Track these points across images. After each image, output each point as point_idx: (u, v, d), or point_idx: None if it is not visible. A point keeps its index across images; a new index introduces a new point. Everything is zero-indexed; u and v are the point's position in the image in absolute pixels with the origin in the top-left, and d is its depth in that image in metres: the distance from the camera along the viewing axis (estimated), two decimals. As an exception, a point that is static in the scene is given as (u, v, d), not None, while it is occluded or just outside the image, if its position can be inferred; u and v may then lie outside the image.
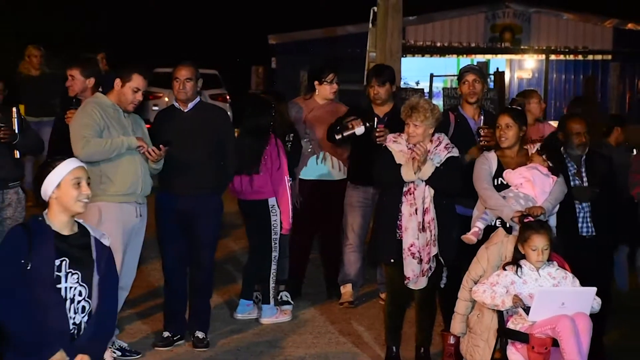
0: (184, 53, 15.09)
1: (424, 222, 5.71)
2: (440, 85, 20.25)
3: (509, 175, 5.77)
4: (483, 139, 6.28)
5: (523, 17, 23.37)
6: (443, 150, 5.79)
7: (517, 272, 5.15)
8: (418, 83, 21.99)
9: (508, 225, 5.58)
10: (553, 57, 23.11)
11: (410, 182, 5.72)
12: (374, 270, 7.47)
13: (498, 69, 19.72)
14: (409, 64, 20.70)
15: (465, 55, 23.51)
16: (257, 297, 7.03)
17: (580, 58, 23.42)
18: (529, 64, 24.18)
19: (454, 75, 13.13)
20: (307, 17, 26.01)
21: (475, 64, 17.49)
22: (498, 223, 5.71)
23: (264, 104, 6.89)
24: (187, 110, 6.28)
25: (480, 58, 22.72)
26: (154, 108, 17.32)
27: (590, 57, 23.21)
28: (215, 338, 6.42)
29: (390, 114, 7.00)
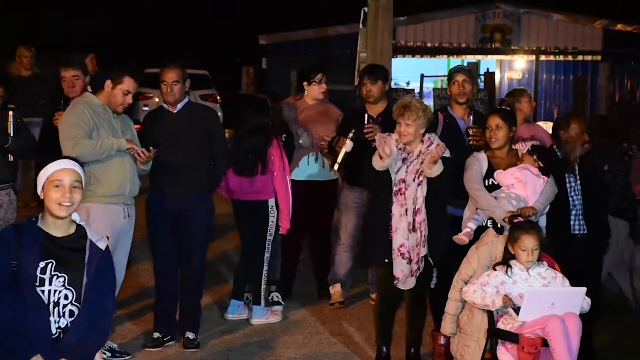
0: (174, 53, 15.10)
1: (415, 222, 5.71)
2: (431, 86, 20.24)
3: (500, 176, 5.78)
4: (472, 138, 6.30)
5: (513, 17, 23.40)
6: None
7: (507, 272, 5.16)
8: (409, 83, 21.98)
9: (499, 226, 5.59)
10: (543, 57, 23.14)
11: (401, 182, 5.72)
12: (365, 271, 7.48)
13: (488, 70, 19.73)
14: (400, 65, 20.68)
15: (456, 56, 23.51)
16: (247, 297, 7.03)
17: (570, 58, 23.46)
18: (519, 65, 24.21)
19: (445, 76, 13.13)
20: (297, 17, 26.00)
21: (466, 65, 17.53)
22: (489, 223, 5.72)
23: (263, 103, 6.89)
24: (176, 112, 6.28)
25: (471, 58, 22.73)
26: (144, 108, 17.28)
27: (580, 57, 23.25)
28: (206, 339, 6.42)
29: (384, 114, 7.00)
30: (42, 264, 4.09)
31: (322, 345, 6.42)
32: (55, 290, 4.10)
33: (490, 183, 5.81)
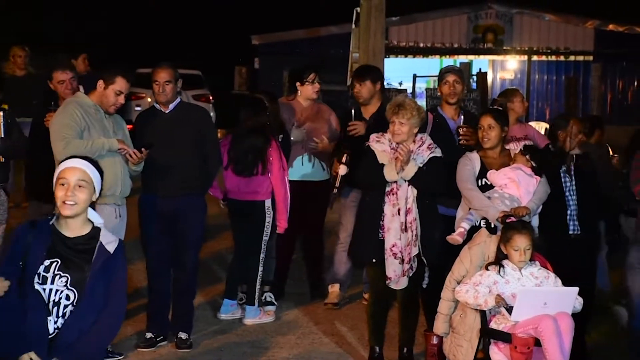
0: (167, 53, 15.06)
1: (407, 222, 5.71)
2: (424, 86, 20.30)
3: (493, 176, 5.78)
4: (462, 138, 6.30)
5: (505, 18, 23.46)
6: (426, 151, 5.80)
7: (499, 272, 5.17)
8: (401, 84, 22.02)
9: (493, 226, 5.60)
10: (535, 57, 23.21)
11: (393, 182, 5.73)
12: (360, 271, 7.47)
13: (481, 70, 19.80)
14: (392, 65, 20.72)
15: (448, 56, 23.57)
16: (241, 298, 7.02)
17: (562, 59, 23.53)
18: (512, 65, 24.27)
19: (437, 76, 13.14)
20: (290, 17, 26.00)
21: (459, 65, 17.56)
22: (483, 223, 5.72)
23: (261, 103, 6.88)
24: (168, 112, 6.27)
25: (463, 59, 22.78)
26: (137, 108, 17.26)
27: (572, 58, 23.33)
28: (199, 339, 6.41)
29: (376, 114, 7.00)
30: (46, 262, 4.08)
31: (315, 346, 6.42)
32: (57, 290, 4.08)
33: (484, 183, 5.81)
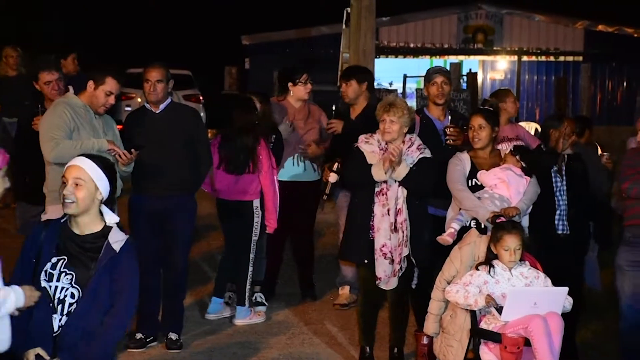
0: (157, 53, 15.02)
1: (397, 222, 5.72)
2: (414, 86, 20.28)
3: (484, 176, 5.79)
4: (449, 138, 6.31)
5: (495, 18, 23.49)
6: (415, 151, 5.80)
7: (489, 272, 5.17)
8: (391, 84, 22.01)
9: (483, 226, 5.61)
10: (525, 58, 23.24)
11: (383, 182, 5.74)
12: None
13: (471, 70, 19.79)
14: (382, 65, 20.69)
15: (439, 57, 23.57)
16: (230, 297, 7.01)
17: (552, 59, 23.58)
18: (502, 65, 24.30)
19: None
20: (280, 17, 25.98)
21: (449, 65, 17.57)
22: (473, 224, 5.73)
23: (249, 103, 6.89)
24: (158, 112, 6.26)
25: (453, 59, 22.78)
26: (127, 108, 17.21)
27: (562, 58, 23.37)
28: (189, 339, 6.40)
29: (361, 115, 7.00)
30: (54, 260, 4.08)
31: (305, 346, 6.42)
32: (62, 288, 4.07)
33: (474, 183, 5.82)
